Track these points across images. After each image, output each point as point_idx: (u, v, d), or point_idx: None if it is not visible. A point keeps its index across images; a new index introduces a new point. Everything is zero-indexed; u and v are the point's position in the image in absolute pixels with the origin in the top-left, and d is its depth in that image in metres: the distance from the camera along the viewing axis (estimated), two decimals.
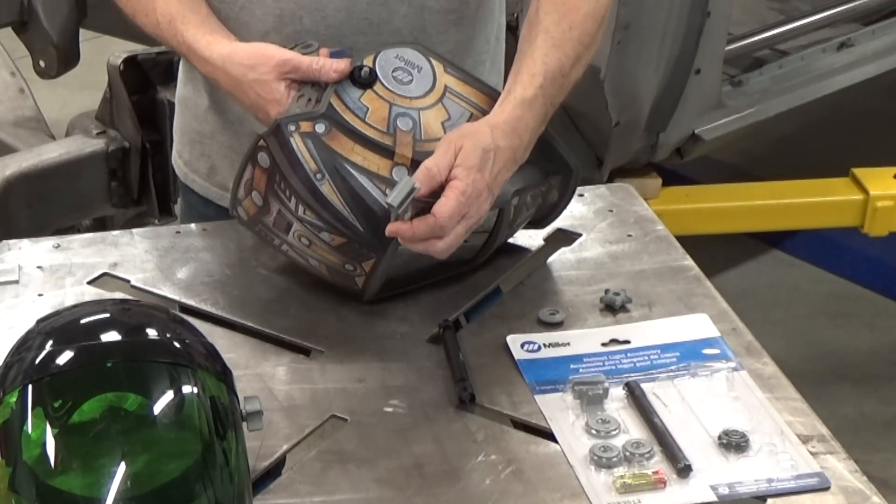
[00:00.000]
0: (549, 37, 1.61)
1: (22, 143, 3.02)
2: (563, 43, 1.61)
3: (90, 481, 1.16)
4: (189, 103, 1.87)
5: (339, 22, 1.69)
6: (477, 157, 1.50)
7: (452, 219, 1.48)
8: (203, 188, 1.87)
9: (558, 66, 1.60)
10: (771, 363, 1.56)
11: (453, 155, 1.50)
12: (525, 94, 1.57)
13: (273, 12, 1.70)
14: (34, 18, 3.29)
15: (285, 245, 1.62)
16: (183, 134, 1.90)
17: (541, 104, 1.58)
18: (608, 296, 1.66)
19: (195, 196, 1.90)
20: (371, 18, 1.70)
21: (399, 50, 1.63)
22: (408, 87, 1.61)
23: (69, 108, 3.44)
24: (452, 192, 1.48)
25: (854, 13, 3.76)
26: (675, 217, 3.07)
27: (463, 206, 1.48)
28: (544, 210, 1.74)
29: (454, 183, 1.49)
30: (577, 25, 1.63)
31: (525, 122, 1.56)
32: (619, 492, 1.35)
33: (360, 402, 1.50)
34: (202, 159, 1.87)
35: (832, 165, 3.47)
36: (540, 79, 1.58)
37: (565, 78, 1.61)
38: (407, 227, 1.48)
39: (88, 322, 1.26)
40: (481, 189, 1.50)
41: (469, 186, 1.49)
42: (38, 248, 1.78)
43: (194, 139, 1.87)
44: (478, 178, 1.50)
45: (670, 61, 3.08)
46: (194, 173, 1.89)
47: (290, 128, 1.55)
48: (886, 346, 3.63)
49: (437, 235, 1.49)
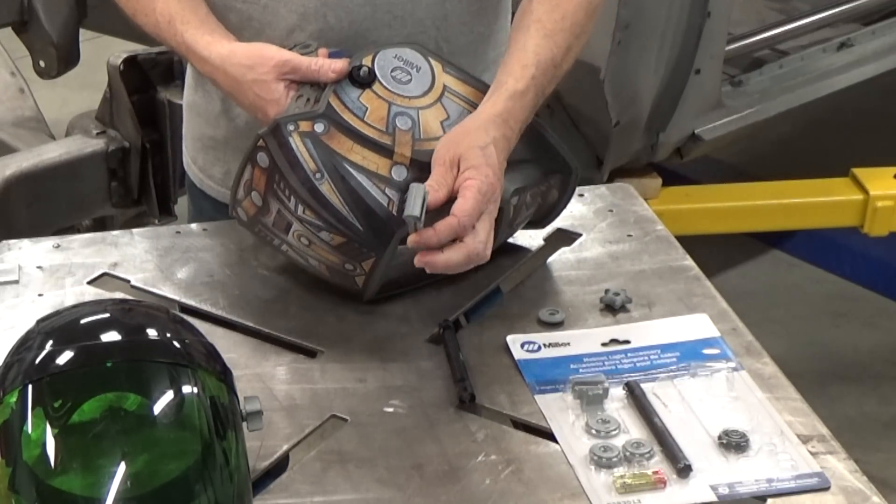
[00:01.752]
0: (541, 27, 1.62)
1: (22, 143, 3.02)
2: (555, 33, 1.62)
3: (90, 481, 1.16)
4: (200, 109, 1.87)
5: (363, 17, 1.69)
6: (479, 156, 1.50)
7: (473, 216, 1.47)
8: (220, 193, 1.87)
9: (550, 56, 1.60)
10: (771, 363, 1.56)
11: (450, 169, 1.50)
12: (517, 86, 1.57)
13: (297, 10, 1.70)
14: (34, 18, 3.29)
15: (285, 245, 1.62)
16: (196, 140, 1.90)
17: (532, 96, 1.58)
18: (608, 296, 1.66)
19: (208, 201, 1.90)
20: (394, 11, 1.70)
21: (398, 49, 1.63)
22: (406, 86, 1.61)
23: (69, 108, 3.44)
24: (469, 192, 1.48)
25: (854, 13, 3.76)
26: (675, 217, 3.07)
27: (480, 203, 1.48)
28: (544, 210, 1.74)
29: (469, 183, 1.49)
30: (570, 15, 1.63)
31: (515, 114, 1.57)
32: (619, 492, 1.35)
33: (360, 402, 1.50)
34: (217, 164, 1.87)
35: (832, 165, 3.47)
36: (532, 70, 1.58)
37: (557, 68, 1.62)
38: (431, 232, 1.47)
39: (88, 322, 1.26)
40: (493, 182, 1.50)
41: (483, 183, 1.49)
42: (38, 248, 1.78)
43: (208, 145, 1.87)
44: (488, 173, 1.50)
45: (670, 61, 3.08)
46: (209, 179, 1.89)
47: (288, 127, 1.55)
48: (886, 346, 3.63)
49: (461, 236, 1.48)
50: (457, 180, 1.49)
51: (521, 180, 1.63)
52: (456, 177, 1.50)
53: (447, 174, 1.50)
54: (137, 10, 1.71)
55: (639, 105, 3.11)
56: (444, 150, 1.52)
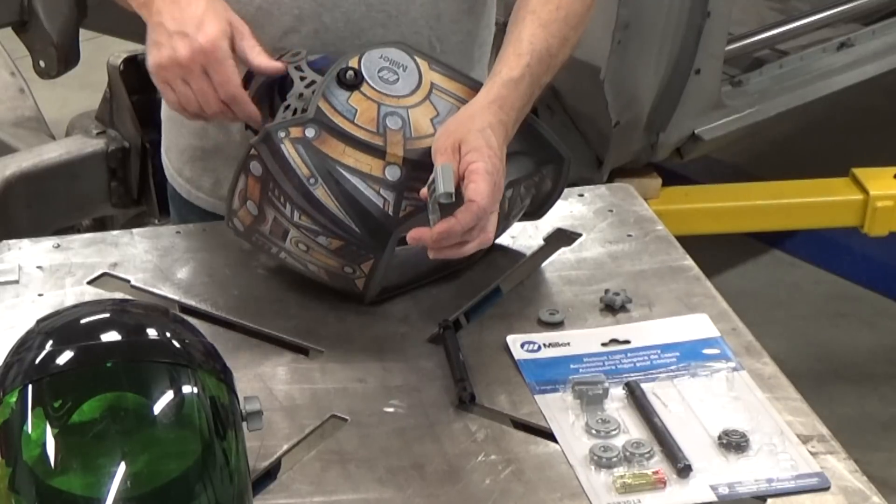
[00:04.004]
0: (536, 17, 1.62)
1: (22, 143, 3.02)
2: (550, 23, 1.62)
3: (90, 481, 1.16)
4: (185, 121, 1.85)
5: (358, 16, 1.69)
6: (479, 138, 1.49)
7: (492, 198, 1.45)
8: (209, 203, 1.86)
9: (545, 46, 1.60)
10: (771, 363, 1.56)
11: (453, 155, 1.49)
12: (511, 74, 1.57)
13: (291, 12, 1.69)
14: (34, 18, 3.29)
15: (283, 252, 1.62)
16: (181, 152, 1.88)
17: (527, 84, 1.58)
18: (608, 296, 1.66)
19: (195, 213, 1.88)
20: (389, 10, 1.70)
21: (383, 50, 1.63)
22: (394, 86, 1.61)
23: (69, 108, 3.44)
24: (479, 175, 1.45)
25: (854, 13, 3.76)
26: (675, 217, 3.07)
27: (493, 184, 1.46)
28: (538, 200, 1.74)
29: (475, 166, 1.46)
30: (565, 6, 1.63)
31: (511, 102, 1.56)
32: (619, 492, 1.35)
33: (360, 402, 1.50)
34: (206, 174, 1.85)
35: (832, 165, 3.47)
36: (527, 58, 1.58)
37: (552, 58, 1.61)
38: (454, 221, 1.44)
39: (88, 322, 1.26)
40: (498, 164, 1.49)
41: (490, 164, 1.46)
42: (38, 248, 1.78)
43: (196, 156, 1.86)
44: (492, 154, 1.48)
45: (670, 61, 3.08)
46: (199, 190, 1.87)
47: (280, 134, 1.55)
48: (886, 346, 3.63)
49: (482, 221, 1.46)
50: (460, 165, 1.48)
51: (514, 172, 1.63)
52: (459, 162, 1.49)
53: (450, 161, 1.48)
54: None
55: (639, 105, 3.11)
56: (444, 139, 1.51)
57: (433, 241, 1.46)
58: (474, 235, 1.47)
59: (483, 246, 1.50)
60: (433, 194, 1.45)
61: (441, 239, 1.45)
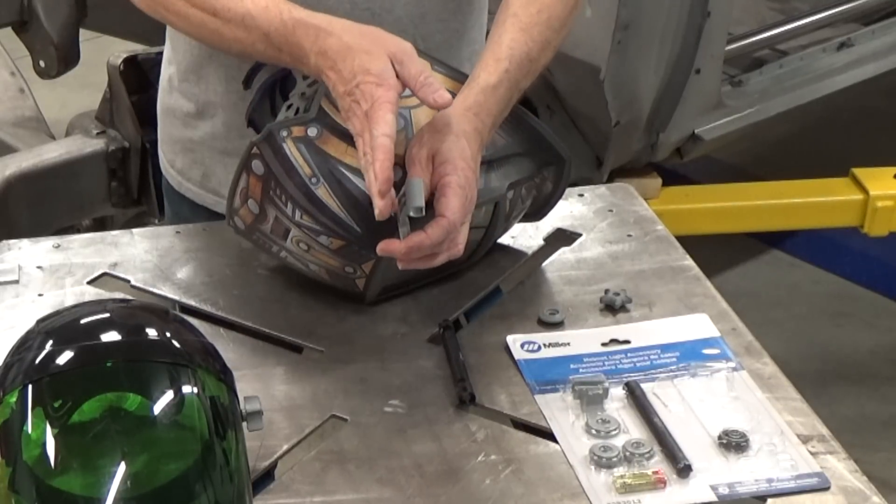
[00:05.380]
0: (517, 20, 1.61)
1: (22, 143, 3.02)
2: (531, 27, 1.61)
3: (90, 481, 1.16)
4: (177, 112, 1.86)
5: (342, 14, 1.68)
6: (454, 150, 1.49)
7: (462, 213, 1.47)
8: (198, 195, 1.86)
9: (525, 50, 1.59)
10: (771, 363, 1.56)
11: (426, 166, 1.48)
12: (489, 80, 1.56)
13: None
14: (34, 18, 3.29)
15: (284, 252, 1.62)
16: (174, 143, 1.89)
17: (505, 89, 1.57)
18: (608, 296, 1.66)
19: (185, 204, 1.88)
20: (373, 8, 1.70)
21: None
22: None
23: (69, 108, 3.44)
24: (450, 189, 1.47)
25: (854, 13, 3.76)
26: (675, 217, 3.08)
27: (464, 199, 1.47)
28: (539, 202, 1.74)
29: (447, 180, 1.47)
30: (546, 9, 1.62)
31: (487, 108, 1.55)
32: (619, 492, 1.35)
33: (360, 402, 1.50)
34: (195, 167, 1.86)
35: (832, 165, 3.47)
36: (506, 63, 1.57)
37: (532, 63, 1.60)
38: (423, 236, 1.45)
39: (88, 322, 1.26)
40: (471, 176, 1.49)
41: (462, 178, 1.47)
42: (38, 248, 1.78)
43: (186, 147, 1.86)
44: (465, 167, 1.49)
45: (670, 61, 3.09)
46: (188, 181, 1.88)
47: (282, 133, 1.55)
48: (886, 346, 3.64)
49: (452, 234, 1.47)
50: (433, 177, 1.48)
51: (515, 174, 1.63)
52: (432, 173, 1.49)
53: (424, 172, 1.48)
54: (217, 8, 1.59)
55: (639, 105, 3.11)
56: (418, 148, 1.50)
57: (402, 255, 1.47)
58: (444, 248, 1.48)
59: (452, 258, 1.51)
60: (403, 207, 1.46)
61: (410, 252, 1.47)
